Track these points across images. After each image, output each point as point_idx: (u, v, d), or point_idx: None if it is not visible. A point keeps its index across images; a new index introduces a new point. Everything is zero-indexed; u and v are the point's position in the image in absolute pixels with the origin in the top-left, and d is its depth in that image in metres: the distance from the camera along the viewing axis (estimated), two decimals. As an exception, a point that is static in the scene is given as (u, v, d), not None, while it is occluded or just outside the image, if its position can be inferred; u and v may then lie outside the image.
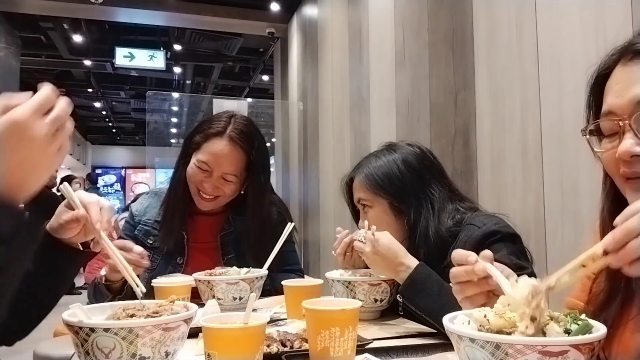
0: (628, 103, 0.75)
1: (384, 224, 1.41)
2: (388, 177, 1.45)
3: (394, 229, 1.42)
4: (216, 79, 10.03)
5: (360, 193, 1.50)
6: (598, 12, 1.62)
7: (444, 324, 0.70)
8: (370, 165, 1.50)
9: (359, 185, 1.50)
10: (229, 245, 1.80)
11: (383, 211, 1.45)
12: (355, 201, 1.53)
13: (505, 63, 2.09)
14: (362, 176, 1.49)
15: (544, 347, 0.60)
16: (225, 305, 1.40)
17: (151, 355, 0.86)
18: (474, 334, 0.64)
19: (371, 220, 1.42)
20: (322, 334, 0.94)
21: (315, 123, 4.89)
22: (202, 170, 1.71)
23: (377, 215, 1.46)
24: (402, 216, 1.44)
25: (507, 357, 0.61)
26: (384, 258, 1.28)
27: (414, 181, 1.45)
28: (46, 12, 6.27)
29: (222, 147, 1.71)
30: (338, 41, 4.26)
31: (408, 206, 1.43)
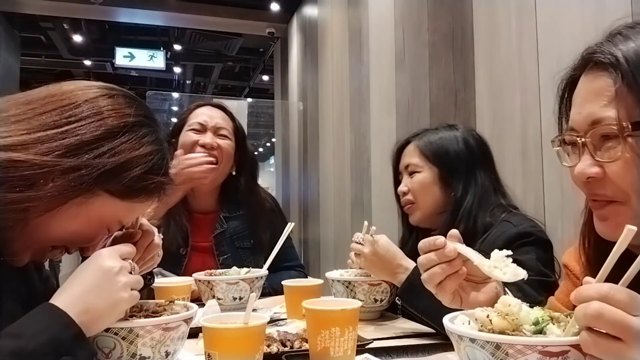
0: (585, 120, 0.72)
1: (426, 191, 1.47)
2: (445, 149, 1.49)
3: (436, 198, 1.47)
4: (216, 79, 10.03)
5: (412, 158, 1.52)
6: (598, 12, 1.62)
7: (444, 324, 0.70)
8: (429, 135, 1.53)
9: (413, 150, 1.52)
10: (224, 245, 1.79)
11: (430, 178, 1.48)
12: (402, 167, 1.55)
13: (505, 63, 2.09)
14: (420, 142, 1.52)
15: (545, 347, 0.60)
16: (225, 305, 1.40)
17: (151, 355, 0.86)
18: (475, 334, 0.64)
19: (415, 185, 1.48)
20: (322, 334, 0.94)
21: (315, 123, 4.89)
22: (195, 131, 1.78)
23: (423, 181, 1.48)
24: (447, 189, 1.47)
25: (507, 357, 0.61)
26: (382, 260, 1.29)
27: (468, 160, 1.48)
28: (46, 12, 6.27)
29: (209, 108, 1.85)
30: (338, 41, 4.25)
31: (457, 181, 1.45)
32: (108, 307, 0.79)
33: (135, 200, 0.88)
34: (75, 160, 0.79)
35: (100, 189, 0.82)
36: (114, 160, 0.82)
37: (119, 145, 0.84)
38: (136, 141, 0.86)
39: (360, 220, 3.68)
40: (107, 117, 0.85)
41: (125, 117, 0.87)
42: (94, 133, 0.82)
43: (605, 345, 0.55)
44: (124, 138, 0.85)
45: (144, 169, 0.86)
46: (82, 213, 0.82)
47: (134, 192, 0.86)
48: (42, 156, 0.76)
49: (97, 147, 0.81)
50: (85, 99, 0.85)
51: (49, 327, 0.72)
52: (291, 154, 5.86)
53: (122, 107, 0.88)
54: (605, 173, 0.71)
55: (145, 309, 0.93)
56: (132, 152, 0.85)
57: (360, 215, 3.65)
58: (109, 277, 0.81)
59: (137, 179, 0.85)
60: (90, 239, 0.89)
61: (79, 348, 0.73)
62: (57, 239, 0.86)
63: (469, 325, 0.70)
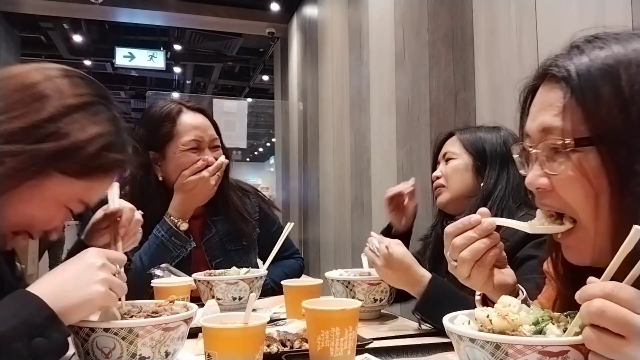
0: (536, 129, 0.73)
1: (458, 175, 1.54)
2: (483, 141, 1.55)
3: (465, 183, 1.53)
4: (216, 79, 10.03)
5: (451, 146, 1.58)
6: (598, 12, 1.62)
7: (444, 323, 0.70)
8: (472, 129, 1.62)
9: (454, 140, 1.59)
10: (214, 249, 1.77)
11: (464, 165, 1.54)
12: (441, 156, 1.61)
13: (505, 63, 2.09)
14: (462, 134, 1.59)
15: (544, 347, 0.60)
16: (224, 305, 1.40)
17: (151, 355, 0.86)
18: (474, 334, 0.64)
19: (449, 169, 1.55)
20: (322, 334, 0.94)
21: (315, 123, 4.89)
22: (193, 150, 1.69)
23: (457, 167, 1.55)
24: (479, 178, 1.52)
25: (507, 357, 0.61)
26: (396, 271, 1.28)
27: (503, 155, 1.52)
28: (46, 12, 6.27)
29: (194, 117, 1.72)
30: (338, 41, 4.25)
31: (489, 171, 1.50)
32: (81, 297, 0.79)
33: (92, 178, 0.87)
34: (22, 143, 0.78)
35: (52, 169, 0.82)
36: (64, 141, 0.82)
37: (71, 125, 0.83)
38: (89, 119, 0.86)
39: (360, 220, 3.68)
40: (61, 97, 0.84)
41: (79, 96, 0.86)
42: (45, 114, 0.82)
43: (608, 342, 0.55)
44: (76, 116, 0.84)
45: (97, 148, 0.85)
46: (36, 195, 0.82)
47: (89, 170, 0.86)
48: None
49: (47, 127, 0.81)
50: (38, 80, 0.85)
51: (21, 310, 0.72)
52: (291, 154, 5.86)
53: (77, 86, 0.87)
54: (552, 185, 0.71)
55: (145, 309, 0.93)
56: (84, 132, 0.84)
57: (360, 215, 3.65)
58: (89, 269, 0.81)
59: (90, 157, 0.85)
60: (50, 221, 0.88)
61: (52, 330, 0.73)
62: (14, 223, 0.85)
63: (468, 325, 0.70)
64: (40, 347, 0.71)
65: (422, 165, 2.74)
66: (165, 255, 1.62)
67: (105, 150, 0.87)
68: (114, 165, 0.90)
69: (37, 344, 0.70)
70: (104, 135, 0.87)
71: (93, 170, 0.87)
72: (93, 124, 0.86)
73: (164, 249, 1.64)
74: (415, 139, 2.83)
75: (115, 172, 0.92)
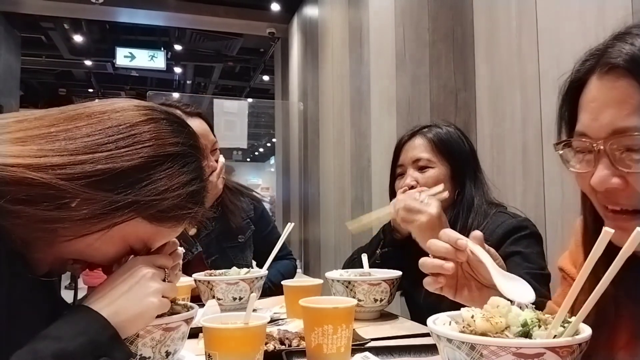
0: (604, 128, 0.68)
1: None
2: (455, 146, 1.52)
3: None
4: (217, 79, 10.03)
5: (422, 153, 1.52)
6: (598, 12, 1.62)
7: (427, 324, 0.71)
8: (438, 131, 1.55)
9: (422, 144, 1.53)
10: (211, 247, 1.78)
11: (443, 175, 1.50)
12: (408, 161, 1.54)
13: (505, 63, 2.09)
14: (432, 136, 1.53)
15: (518, 349, 0.59)
16: (225, 305, 1.40)
17: (151, 355, 0.86)
18: (451, 334, 0.64)
19: (429, 180, 1.48)
20: (316, 331, 0.95)
21: (316, 123, 4.89)
22: None
23: (438, 177, 1.49)
24: (455, 186, 1.50)
25: (482, 357, 0.61)
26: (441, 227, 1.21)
27: (472, 158, 1.54)
28: (47, 12, 6.27)
29: (198, 124, 1.72)
30: (338, 41, 4.25)
31: (467, 179, 1.50)
32: (138, 311, 0.79)
33: (165, 225, 0.85)
34: (107, 190, 0.76)
35: (132, 216, 0.79)
36: (152, 189, 0.79)
37: (159, 174, 0.80)
38: (177, 170, 0.83)
39: (360, 220, 3.68)
40: (147, 147, 0.80)
41: (167, 146, 0.83)
42: (137, 160, 0.78)
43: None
44: (166, 166, 0.81)
45: (180, 199, 0.83)
46: (107, 234, 0.80)
47: (166, 219, 0.84)
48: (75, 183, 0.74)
49: (135, 175, 0.78)
50: (137, 122, 0.82)
51: (87, 328, 0.73)
52: (291, 154, 5.86)
53: (165, 135, 0.84)
54: (627, 183, 0.67)
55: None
56: (172, 182, 0.82)
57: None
58: (141, 282, 0.81)
59: (170, 207, 0.82)
60: (113, 258, 0.87)
61: (116, 349, 0.74)
62: (77, 253, 0.83)
63: (449, 325, 0.70)
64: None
65: (423, 165, 2.74)
66: None
67: (187, 201, 0.84)
68: (190, 216, 0.88)
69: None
70: (188, 187, 0.84)
71: (169, 219, 0.84)
72: (179, 175, 0.83)
73: None
74: (416, 139, 2.83)
75: (187, 222, 0.89)
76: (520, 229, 1.36)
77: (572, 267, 0.92)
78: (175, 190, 0.82)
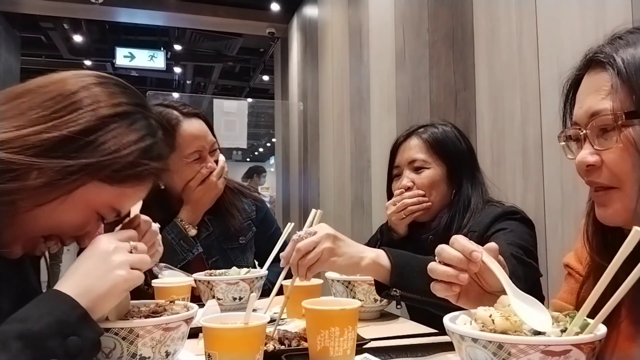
0: (585, 114, 0.78)
1: (435, 188, 1.49)
2: (451, 145, 1.51)
3: (443, 195, 1.50)
4: (216, 79, 10.03)
5: (417, 154, 1.51)
6: (598, 12, 1.62)
7: (445, 324, 0.70)
8: (433, 131, 1.53)
9: (417, 145, 1.52)
10: (211, 248, 1.77)
11: (440, 176, 1.49)
12: (404, 162, 1.53)
13: (505, 63, 2.09)
14: (427, 137, 1.52)
15: (547, 347, 0.60)
16: (225, 305, 1.40)
17: (151, 355, 0.86)
18: (477, 334, 0.64)
19: (425, 180, 1.48)
20: (322, 334, 0.94)
21: (315, 123, 4.89)
22: (195, 161, 1.68)
23: (434, 178, 1.49)
24: (452, 186, 1.49)
25: (509, 356, 0.61)
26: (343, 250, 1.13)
27: (470, 157, 1.52)
28: (46, 12, 6.27)
29: (192, 126, 1.68)
30: (338, 41, 4.25)
31: (464, 179, 1.48)
32: (106, 287, 0.79)
33: (126, 185, 0.86)
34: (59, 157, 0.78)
35: (88, 179, 0.81)
36: (100, 153, 0.81)
37: (107, 134, 0.83)
38: (126, 128, 0.85)
39: (360, 220, 3.68)
40: (97, 107, 0.84)
41: (110, 107, 0.85)
42: (82, 125, 0.81)
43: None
44: (113, 126, 0.84)
45: (133, 157, 0.84)
46: (69, 201, 0.81)
47: (124, 178, 0.85)
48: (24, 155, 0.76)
49: (84, 139, 0.81)
50: (74, 90, 0.84)
51: (54, 309, 0.73)
52: (291, 154, 5.86)
53: (106, 98, 0.86)
54: (602, 161, 0.76)
55: (146, 309, 0.93)
56: (122, 141, 0.84)
57: (360, 215, 3.65)
58: (103, 258, 0.81)
59: (125, 165, 0.84)
60: (81, 227, 0.88)
61: (85, 328, 0.74)
62: (45, 228, 0.85)
63: (470, 325, 0.70)
64: (74, 346, 0.71)
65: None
66: (172, 258, 1.63)
67: (141, 158, 0.86)
68: (149, 173, 0.89)
69: (71, 343, 0.71)
70: (140, 143, 0.86)
71: (127, 178, 0.86)
72: (130, 133, 0.85)
73: (172, 252, 1.64)
74: (416, 139, 2.83)
75: (150, 179, 0.91)
76: (509, 213, 1.37)
77: (578, 264, 0.95)
78: (125, 149, 0.84)
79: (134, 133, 0.86)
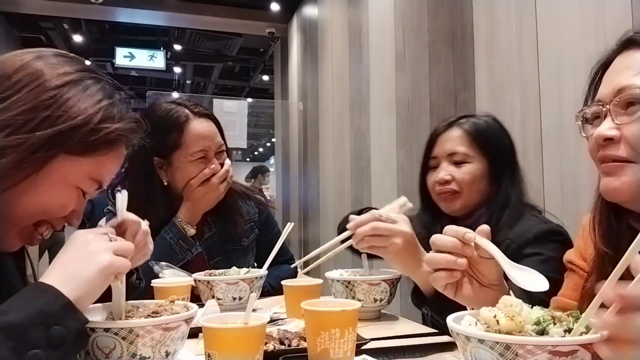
0: (612, 91, 0.77)
1: (475, 184, 1.40)
2: (497, 139, 1.42)
3: (482, 191, 1.41)
4: (216, 79, 10.03)
5: (458, 146, 1.41)
6: (598, 12, 1.62)
7: (448, 324, 0.70)
8: (476, 122, 1.44)
9: (459, 137, 1.42)
10: (213, 248, 1.77)
11: (481, 171, 1.40)
12: (442, 153, 1.44)
13: (505, 63, 2.09)
14: (470, 128, 1.42)
15: (555, 347, 0.60)
16: (225, 305, 1.40)
17: (151, 355, 0.86)
18: (484, 335, 0.64)
19: (466, 175, 1.39)
20: (322, 336, 0.93)
21: (315, 123, 4.89)
22: (200, 160, 1.67)
23: (475, 173, 1.40)
24: (493, 182, 1.40)
25: (516, 357, 0.61)
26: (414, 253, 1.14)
27: (511, 153, 1.43)
28: (46, 12, 6.28)
29: (202, 125, 1.68)
30: (338, 41, 4.26)
31: (505, 177, 1.39)
32: (91, 272, 0.77)
33: (98, 153, 0.85)
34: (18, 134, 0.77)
35: (55, 153, 0.80)
36: (60, 123, 0.80)
37: (63, 105, 0.82)
38: (80, 95, 0.84)
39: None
40: (44, 81, 0.82)
41: (62, 75, 0.84)
42: (33, 101, 0.80)
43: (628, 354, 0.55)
44: (66, 96, 0.83)
45: (95, 121, 0.83)
46: (44, 180, 0.81)
47: (93, 145, 0.84)
48: None
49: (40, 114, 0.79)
50: (15, 69, 0.83)
51: (36, 300, 0.71)
52: (291, 154, 5.87)
53: (51, 70, 0.85)
54: (621, 136, 0.75)
55: (145, 309, 0.93)
56: (79, 107, 0.83)
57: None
58: (83, 246, 0.80)
59: (90, 132, 0.83)
60: (64, 206, 0.87)
61: (69, 318, 0.73)
62: (30, 214, 0.84)
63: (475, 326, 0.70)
64: (59, 336, 0.70)
65: (422, 165, 2.74)
66: (171, 257, 1.62)
67: (104, 122, 0.85)
68: (117, 135, 0.87)
69: (55, 332, 0.70)
70: (99, 107, 0.85)
71: (96, 145, 0.84)
72: (84, 99, 0.84)
73: (170, 251, 1.64)
74: (415, 139, 2.83)
75: (120, 143, 0.89)
76: (554, 234, 1.28)
77: (580, 260, 0.96)
78: (84, 115, 0.83)
79: (89, 98, 0.85)
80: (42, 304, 0.71)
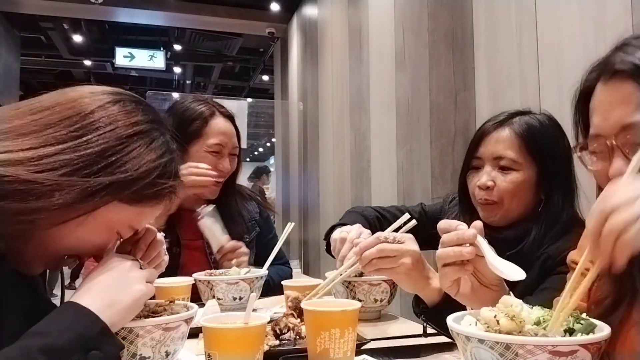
0: (614, 125, 0.76)
1: (520, 194, 1.24)
2: (552, 145, 1.24)
3: (526, 203, 1.25)
4: (216, 79, 10.03)
5: (507, 150, 1.24)
6: (598, 12, 1.62)
7: (449, 324, 0.70)
8: (530, 123, 1.26)
9: (509, 140, 1.25)
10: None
11: (528, 181, 1.23)
12: (488, 155, 1.27)
13: (505, 63, 2.09)
14: (522, 130, 1.24)
15: (555, 347, 0.60)
16: (225, 305, 1.40)
17: (151, 355, 0.86)
18: (484, 335, 0.64)
19: (510, 185, 1.23)
20: (322, 336, 0.93)
21: (315, 123, 4.89)
22: (214, 153, 1.75)
23: (521, 183, 1.23)
24: (540, 193, 1.24)
25: (516, 357, 0.61)
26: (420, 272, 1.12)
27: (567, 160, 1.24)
28: (46, 12, 6.28)
29: (224, 123, 1.79)
30: (338, 41, 4.26)
31: (556, 189, 1.22)
32: (129, 301, 0.81)
33: (145, 204, 0.87)
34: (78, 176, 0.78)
35: (109, 200, 0.81)
36: (123, 171, 0.81)
37: (128, 155, 0.82)
38: (145, 148, 0.85)
39: (360, 220, 3.67)
40: (116, 127, 0.83)
41: (134, 125, 0.85)
42: (102, 145, 0.80)
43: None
44: (133, 146, 0.83)
45: (153, 176, 0.85)
46: (91, 222, 0.81)
47: (144, 197, 0.85)
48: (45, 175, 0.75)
49: (104, 160, 0.80)
50: (92, 109, 0.83)
51: (75, 323, 0.73)
52: (291, 154, 5.87)
53: (124, 117, 0.85)
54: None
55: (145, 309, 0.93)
56: (142, 160, 0.83)
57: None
58: (123, 274, 0.83)
59: (146, 186, 0.84)
60: (102, 246, 0.89)
61: (106, 343, 0.75)
62: (67, 248, 0.85)
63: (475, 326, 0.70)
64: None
65: (422, 165, 2.74)
66: None
67: (161, 177, 0.86)
68: (168, 191, 0.89)
69: (93, 357, 0.72)
70: (160, 161, 0.86)
71: (147, 197, 0.86)
72: (148, 152, 0.85)
73: None
74: (415, 139, 2.83)
75: (167, 198, 0.91)
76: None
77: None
78: (145, 168, 0.84)
79: (153, 152, 0.86)
80: (82, 328, 0.73)
